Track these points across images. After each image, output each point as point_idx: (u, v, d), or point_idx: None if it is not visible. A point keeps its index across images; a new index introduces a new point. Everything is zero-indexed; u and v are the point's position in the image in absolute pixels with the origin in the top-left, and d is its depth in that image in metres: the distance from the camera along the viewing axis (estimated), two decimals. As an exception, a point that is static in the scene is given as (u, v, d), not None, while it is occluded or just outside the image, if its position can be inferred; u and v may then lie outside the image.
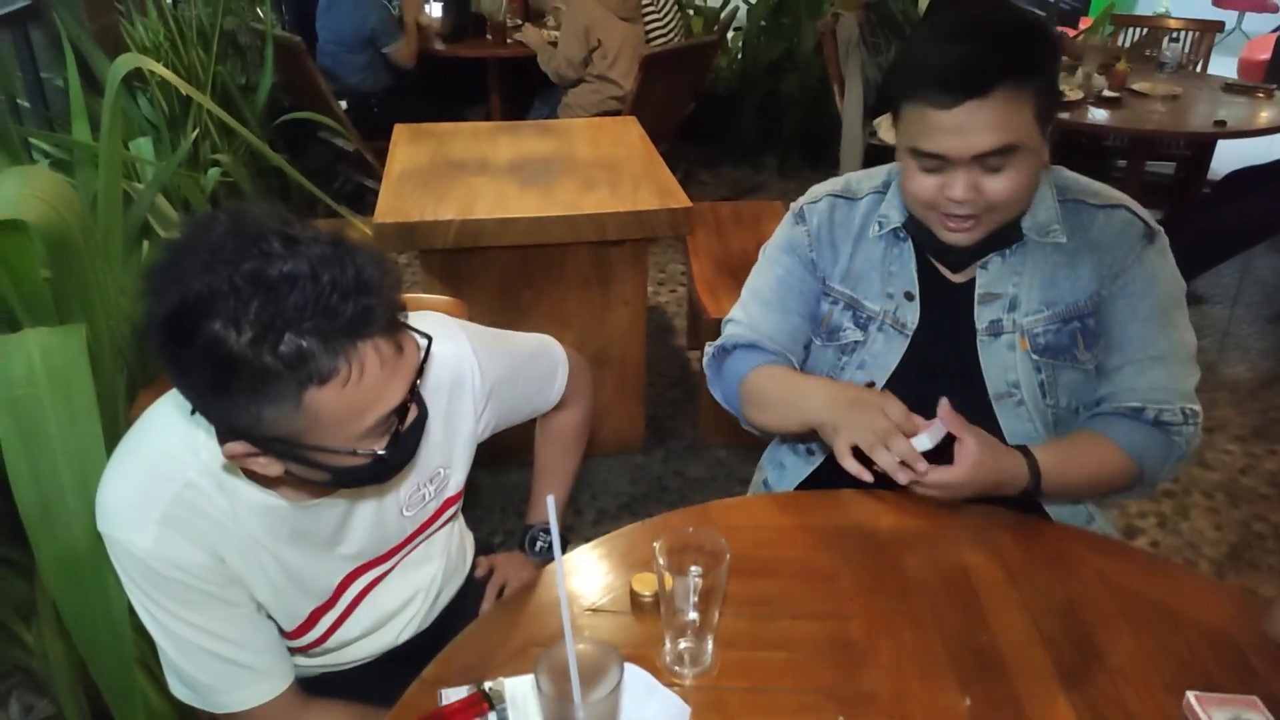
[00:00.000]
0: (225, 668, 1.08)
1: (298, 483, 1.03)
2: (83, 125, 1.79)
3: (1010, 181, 1.23)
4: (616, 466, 2.88)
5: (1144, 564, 1.26)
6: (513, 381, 1.31)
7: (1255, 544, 2.60)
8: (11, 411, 1.12)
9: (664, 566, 1.02)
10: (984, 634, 1.10)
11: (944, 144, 1.22)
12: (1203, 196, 4.32)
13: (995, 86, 1.17)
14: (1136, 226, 1.34)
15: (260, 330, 0.81)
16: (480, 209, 2.38)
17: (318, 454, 0.92)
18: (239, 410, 0.86)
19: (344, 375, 0.85)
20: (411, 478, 1.19)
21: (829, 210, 1.46)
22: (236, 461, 0.95)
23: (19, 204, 1.30)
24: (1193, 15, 4.76)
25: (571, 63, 4.06)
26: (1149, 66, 4.28)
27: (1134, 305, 1.33)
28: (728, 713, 1.01)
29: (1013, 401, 1.39)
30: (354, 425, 0.91)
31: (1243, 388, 3.38)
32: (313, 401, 0.86)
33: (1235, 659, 1.07)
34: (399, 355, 0.92)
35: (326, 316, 0.83)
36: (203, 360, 0.83)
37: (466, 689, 1.00)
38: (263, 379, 0.83)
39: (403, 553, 1.25)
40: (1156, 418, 1.32)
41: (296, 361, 0.83)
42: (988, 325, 1.38)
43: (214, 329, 0.81)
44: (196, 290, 0.81)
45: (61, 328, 1.20)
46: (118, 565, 1.03)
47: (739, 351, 1.49)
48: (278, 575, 1.11)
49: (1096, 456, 1.33)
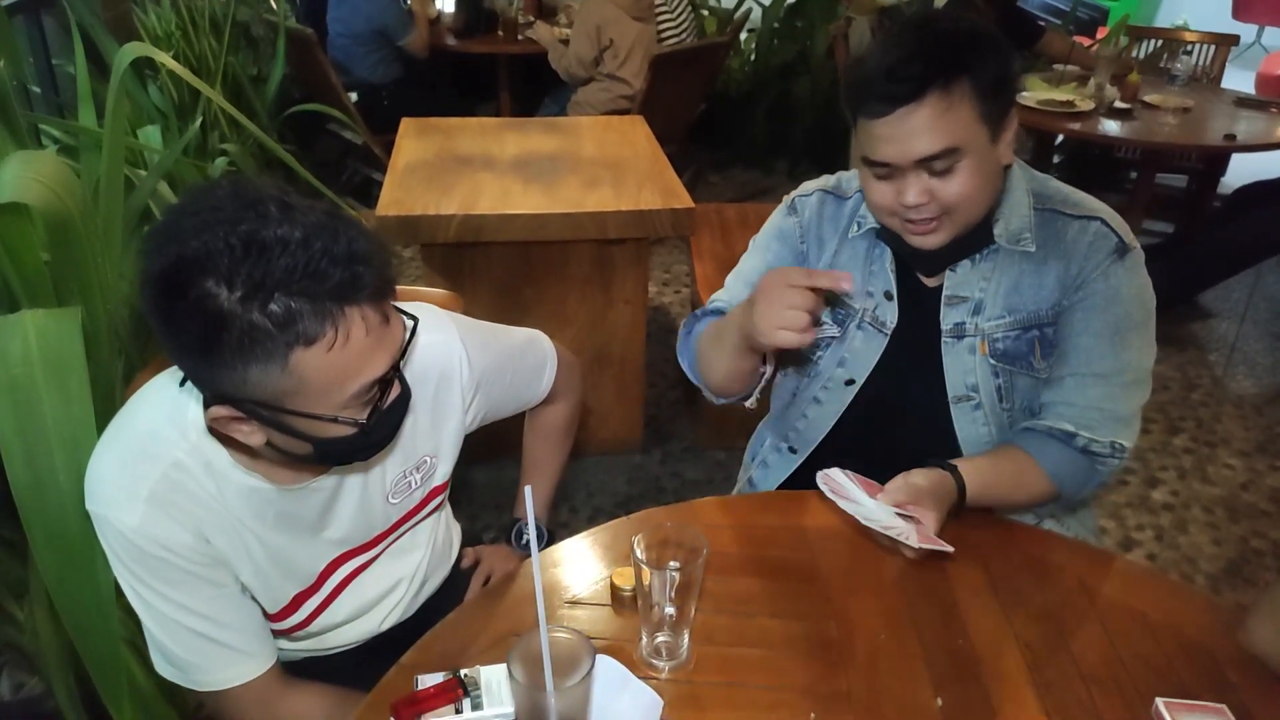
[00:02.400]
0: (208, 646, 1.09)
1: (281, 459, 1.03)
2: (89, 111, 1.80)
3: (961, 184, 1.24)
4: (614, 466, 2.89)
5: (1125, 573, 1.26)
6: (501, 374, 1.32)
7: (1253, 560, 2.59)
8: (6, 391, 1.13)
9: (642, 561, 1.03)
10: (960, 637, 1.11)
11: (885, 151, 1.24)
12: (1214, 211, 4.31)
13: (925, 91, 1.19)
14: (1109, 240, 1.33)
15: (251, 289, 0.84)
16: (483, 204, 2.39)
17: (300, 420, 0.93)
18: (226, 370, 0.88)
19: (330, 339, 0.88)
20: (397, 464, 1.21)
21: (819, 205, 1.48)
22: (220, 427, 0.96)
23: (21, 187, 1.32)
24: (1213, 28, 4.73)
25: (582, 61, 4.07)
26: (1161, 79, 4.26)
27: (1089, 319, 1.33)
28: (701, 706, 1.01)
29: (970, 405, 1.39)
30: (337, 392, 0.92)
31: (1247, 403, 3.37)
32: (299, 363, 0.88)
33: (1210, 668, 1.07)
34: (385, 326, 0.94)
35: (316, 280, 0.85)
36: (193, 316, 0.84)
37: (443, 675, 1.01)
38: (251, 338, 0.85)
39: (388, 540, 1.26)
40: (1085, 447, 1.32)
41: (285, 321, 0.85)
42: (952, 327, 1.39)
43: (206, 285, 0.83)
44: (192, 248, 0.83)
45: (58, 310, 1.21)
46: (105, 543, 1.04)
47: (707, 317, 1.51)
48: (262, 558, 1.12)
49: (1017, 476, 1.33)
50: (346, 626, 1.27)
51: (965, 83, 1.20)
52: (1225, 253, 3.75)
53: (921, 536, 1.18)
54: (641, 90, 3.96)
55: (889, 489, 1.25)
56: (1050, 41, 4.37)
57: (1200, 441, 3.14)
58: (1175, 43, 4.73)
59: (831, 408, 1.48)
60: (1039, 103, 3.78)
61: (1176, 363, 3.58)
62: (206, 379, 0.93)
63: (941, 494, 1.25)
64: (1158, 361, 1.36)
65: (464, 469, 1.42)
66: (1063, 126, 3.75)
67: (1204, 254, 3.79)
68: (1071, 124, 3.72)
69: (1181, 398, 3.38)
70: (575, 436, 1.59)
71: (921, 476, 1.26)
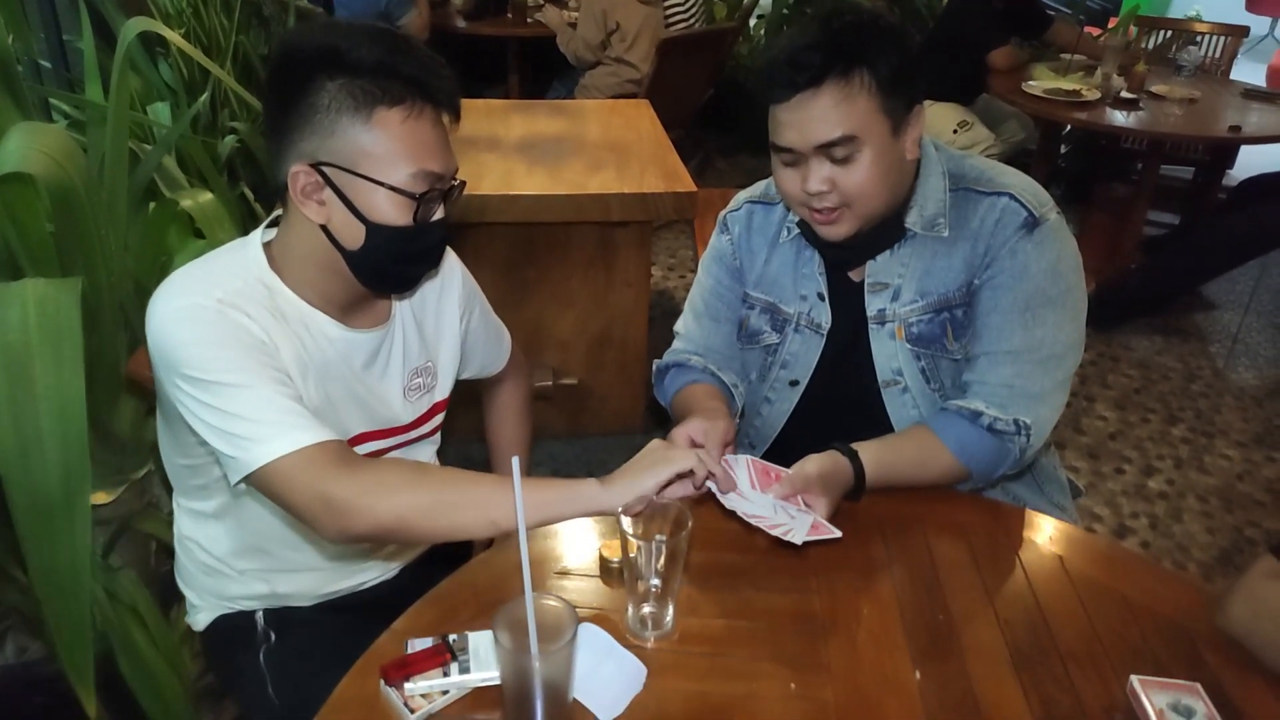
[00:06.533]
0: (273, 411, 1.06)
1: (330, 262, 1.14)
2: (95, 86, 1.82)
3: (861, 173, 1.26)
4: (615, 447, 2.91)
5: (1107, 554, 1.28)
6: (481, 309, 1.47)
7: (1246, 549, 2.61)
8: (2, 356, 1.14)
9: (629, 533, 1.05)
10: (941, 613, 1.13)
11: (787, 137, 1.26)
12: (1219, 203, 4.30)
13: (824, 79, 1.22)
14: (1016, 216, 1.32)
15: (356, 65, 1.06)
16: (486, 184, 2.41)
17: (366, 189, 1.08)
18: (321, 125, 1.07)
19: (409, 107, 1.08)
20: (413, 358, 1.32)
21: (747, 218, 1.52)
22: (297, 191, 1.09)
23: (25, 158, 1.34)
24: (1226, 20, 4.71)
25: (589, 45, 4.08)
26: (1169, 69, 4.25)
27: (998, 297, 1.33)
28: (684, 675, 1.04)
29: (898, 389, 1.42)
30: (404, 164, 1.09)
31: (1248, 394, 3.37)
32: (381, 120, 1.07)
33: (1186, 648, 1.09)
34: (449, 139, 1.14)
35: (411, 69, 1.08)
36: (304, 82, 1.06)
37: (432, 640, 1.04)
38: (349, 91, 1.06)
39: (400, 437, 1.33)
40: (990, 425, 1.32)
41: (379, 87, 1.06)
42: (875, 314, 1.41)
43: (320, 66, 1.06)
44: (313, 40, 1.08)
45: (59, 280, 1.22)
46: (169, 337, 1.06)
47: (672, 371, 1.57)
48: (314, 389, 1.18)
49: (920, 455, 1.33)
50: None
51: (864, 73, 1.22)
52: (1230, 244, 3.74)
53: (810, 528, 1.15)
54: (648, 74, 3.97)
55: (783, 482, 1.22)
56: (1058, 30, 4.37)
57: (1199, 432, 3.15)
58: (1184, 33, 4.71)
59: (781, 407, 1.51)
60: (1046, 91, 3.78)
61: (1178, 353, 3.59)
62: (298, 141, 1.08)
63: (833, 479, 1.24)
64: (1159, 351, 1.37)
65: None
66: (1069, 116, 3.75)
67: (1208, 245, 3.79)
68: (1078, 113, 3.72)
69: (1182, 388, 3.38)
70: (572, 418, 1.63)
71: (814, 463, 1.25)
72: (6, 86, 1.59)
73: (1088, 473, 2.91)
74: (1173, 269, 3.81)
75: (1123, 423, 3.19)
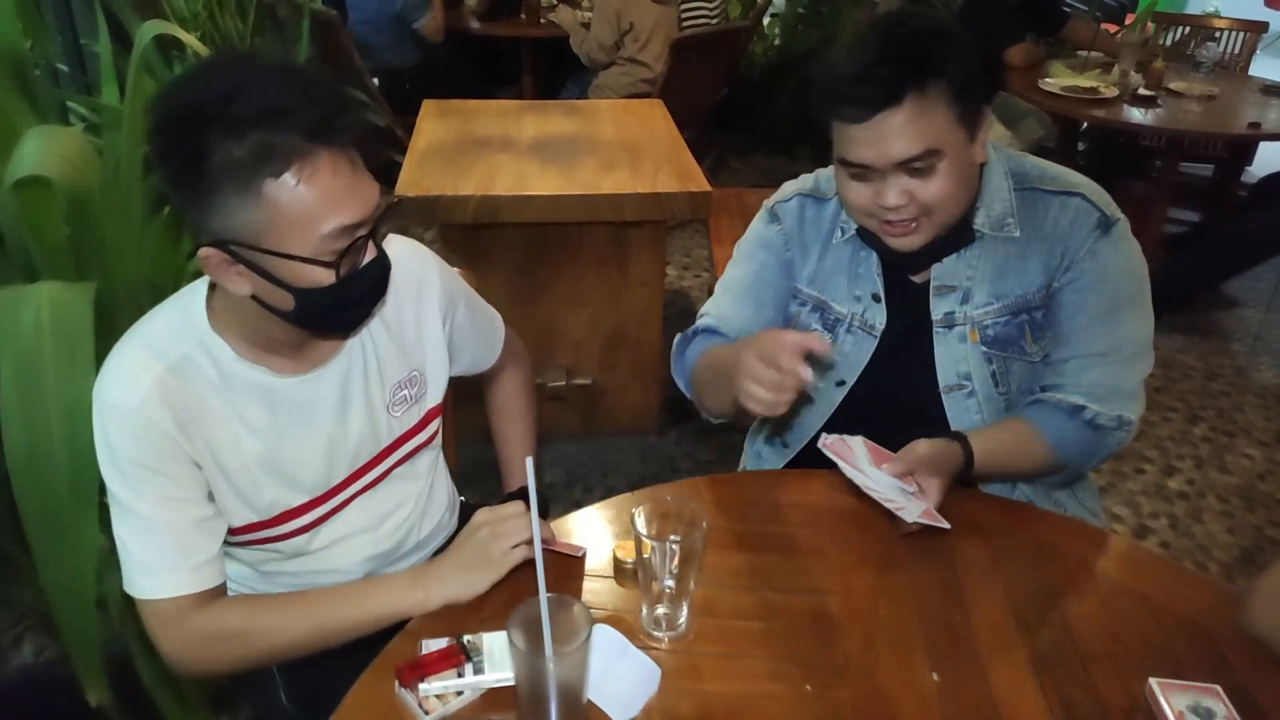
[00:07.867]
0: (156, 541, 1.09)
1: (268, 325, 1.08)
2: (112, 89, 1.82)
3: (941, 185, 1.24)
4: (629, 446, 2.91)
5: (1128, 555, 1.27)
6: (466, 305, 1.38)
7: (1268, 549, 2.58)
8: (14, 359, 1.14)
9: (643, 533, 1.04)
10: (959, 613, 1.12)
11: (864, 154, 1.23)
12: (1239, 200, 4.26)
13: (903, 96, 1.18)
14: (1090, 216, 1.32)
15: (230, 126, 0.93)
16: (500, 185, 2.40)
17: (279, 262, 0.99)
18: (212, 205, 0.97)
19: (298, 170, 0.96)
20: (394, 373, 1.26)
21: (799, 210, 1.48)
22: (211, 271, 1.02)
23: (41, 161, 1.34)
24: (1245, 15, 4.67)
25: (603, 46, 4.08)
26: (1187, 66, 4.21)
27: (1081, 300, 1.33)
28: (698, 676, 1.03)
29: (962, 394, 1.40)
30: (310, 229, 0.98)
31: (1270, 393, 3.34)
32: (271, 193, 0.96)
33: (1207, 649, 1.07)
34: (355, 174, 1.01)
35: (289, 117, 0.95)
36: (181, 153, 0.95)
37: (446, 641, 1.04)
38: (229, 168, 0.94)
39: (393, 457, 1.30)
40: (1092, 420, 1.32)
41: (258, 153, 0.94)
42: (942, 317, 1.39)
43: (194, 127, 0.94)
44: (185, 97, 0.96)
45: (73, 284, 1.23)
46: (100, 431, 1.07)
47: (700, 337, 1.50)
48: (255, 460, 1.15)
49: (1018, 445, 1.34)
50: (351, 540, 1.29)
51: (941, 84, 1.20)
52: (1251, 241, 3.71)
53: (922, 512, 1.19)
54: (662, 74, 3.96)
55: (895, 460, 1.25)
56: (1075, 28, 4.34)
57: (1220, 431, 3.12)
58: (1202, 29, 4.67)
59: (823, 407, 1.49)
60: (1063, 89, 3.75)
61: (1199, 351, 3.55)
62: (199, 219, 1.00)
63: (944, 463, 1.26)
64: (1179, 350, 1.37)
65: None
66: (1087, 113, 3.73)
67: (1229, 242, 3.75)
68: (1096, 110, 3.69)
69: (1203, 386, 3.35)
70: (585, 418, 1.61)
71: (926, 446, 1.26)
72: (23, 90, 1.60)
73: (1107, 472, 2.88)
74: (1193, 267, 3.77)
75: (1143, 422, 3.11)
